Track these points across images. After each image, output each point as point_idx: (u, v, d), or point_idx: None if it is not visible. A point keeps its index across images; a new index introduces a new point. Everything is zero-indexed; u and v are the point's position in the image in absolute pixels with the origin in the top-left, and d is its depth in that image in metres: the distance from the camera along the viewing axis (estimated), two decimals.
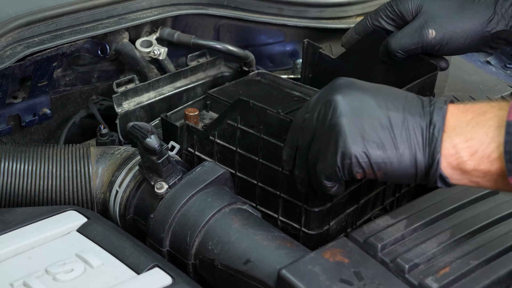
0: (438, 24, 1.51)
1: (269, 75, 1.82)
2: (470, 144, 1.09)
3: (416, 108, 1.14)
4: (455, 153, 1.10)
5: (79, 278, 1.15)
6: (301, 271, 1.16)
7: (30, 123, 1.73)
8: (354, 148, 1.14)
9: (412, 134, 1.13)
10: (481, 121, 1.09)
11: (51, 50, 1.63)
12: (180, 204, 1.33)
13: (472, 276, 1.17)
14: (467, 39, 1.52)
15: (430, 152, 1.12)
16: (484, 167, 1.08)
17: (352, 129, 1.14)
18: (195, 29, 1.95)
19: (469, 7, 1.52)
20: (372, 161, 1.14)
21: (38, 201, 1.46)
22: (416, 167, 1.13)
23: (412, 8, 1.54)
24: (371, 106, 1.15)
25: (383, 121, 1.14)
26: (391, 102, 1.15)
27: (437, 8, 1.52)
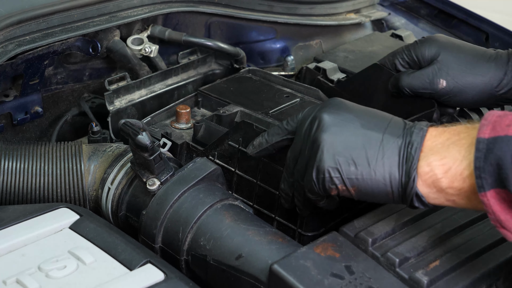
0: (450, 76, 1.52)
1: (260, 72, 1.83)
2: (444, 162, 1.11)
3: (397, 130, 1.17)
4: (429, 170, 1.12)
5: (72, 275, 1.15)
6: (293, 265, 1.17)
7: (21, 121, 1.73)
8: (328, 163, 1.18)
9: (388, 153, 1.15)
10: (456, 141, 1.11)
11: (42, 48, 1.63)
12: (172, 200, 1.34)
13: (462, 269, 1.18)
14: (476, 96, 1.53)
15: (406, 170, 1.14)
16: (457, 184, 1.10)
17: (330, 145, 1.18)
18: (186, 26, 1.96)
19: (482, 65, 1.52)
20: (344, 177, 1.17)
21: (30, 199, 1.46)
22: (391, 185, 1.15)
23: (429, 55, 1.55)
24: (353, 126, 1.19)
25: (361, 140, 1.17)
26: (374, 123, 1.19)
27: (452, 59, 1.53)
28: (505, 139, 1.04)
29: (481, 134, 1.07)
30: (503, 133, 1.05)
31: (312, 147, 1.20)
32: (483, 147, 1.05)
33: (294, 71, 2.02)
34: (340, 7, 2.14)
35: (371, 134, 1.17)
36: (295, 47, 2.10)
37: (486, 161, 1.05)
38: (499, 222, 1.06)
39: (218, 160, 1.49)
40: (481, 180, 1.06)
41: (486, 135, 1.06)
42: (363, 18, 2.15)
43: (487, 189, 1.05)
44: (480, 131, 1.07)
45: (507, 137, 1.04)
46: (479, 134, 1.07)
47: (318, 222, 1.38)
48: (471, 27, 2.13)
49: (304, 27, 2.07)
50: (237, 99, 1.68)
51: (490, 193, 1.05)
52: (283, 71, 2.02)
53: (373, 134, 1.17)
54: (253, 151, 1.36)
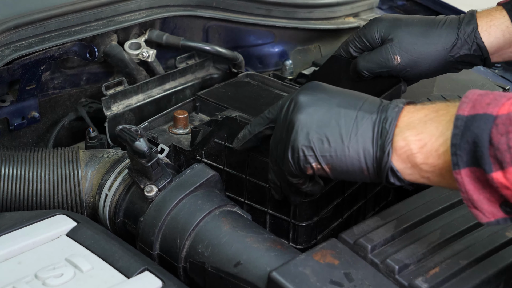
0: (403, 50, 1.54)
1: (258, 76, 1.82)
2: (420, 138, 1.10)
3: (372, 107, 1.17)
4: (405, 145, 1.12)
5: (69, 283, 1.14)
6: (292, 273, 1.16)
7: (18, 127, 1.73)
8: (301, 142, 1.18)
9: (362, 129, 1.15)
10: (434, 117, 1.11)
11: (39, 53, 1.63)
12: (170, 207, 1.33)
13: (462, 276, 1.18)
14: (432, 64, 1.55)
15: (380, 144, 1.14)
16: (432, 160, 1.09)
17: (304, 124, 1.19)
18: (184, 31, 1.95)
19: (433, 33, 1.54)
20: (317, 155, 1.18)
21: (27, 206, 1.45)
22: (365, 160, 1.15)
23: (378, 36, 1.58)
24: (328, 104, 1.19)
25: (335, 118, 1.18)
26: (349, 101, 1.19)
27: (402, 34, 1.55)
28: (484, 117, 1.03)
29: (460, 111, 1.06)
30: (482, 111, 1.04)
31: (287, 128, 1.21)
32: (461, 124, 1.05)
33: (293, 75, 2.01)
34: (338, 11, 2.13)
35: (345, 112, 1.18)
36: (294, 51, 2.09)
37: (463, 138, 1.04)
38: (471, 201, 1.06)
39: (205, 159, 1.49)
40: (456, 158, 1.05)
41: (465, 113, 1.05)
42: (362, 22, 2.14)
43: (461, 167, 1.04)
44: (459, 108, 1.06)
45: (486, 115, 1.03)
46: (458, 111, 1.06)
47: (311, 210, 1.38)
48: None
49: (303, 31, 2.06)
50: (235, 104, 1.68)
51: (465, 171, 1.04)
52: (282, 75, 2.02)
53: (348, 111, 1.17)
54: (238, 144, 1.37)
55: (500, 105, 1.03)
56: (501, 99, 1.04)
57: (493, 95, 1.05)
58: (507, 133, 1.01)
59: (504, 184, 1.02)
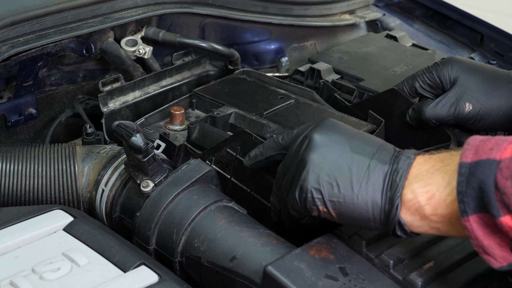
0: (474, 98, 1.52)
1: (255, 73, 1.83)
2: (428, 189, 1.10)
3: (385, 156, 1.16)
4: (413, 197, 1.11)
5: (66, 277, 1.15)
6: (287, 267, 1.16)
7: (15, 123, 1.73)
8: (311, 183, 1.17)
9: (373, 179, 1.14)
10: (440, 168, 1.10)
11: (36, 49, 1.63)
12: (166, 202, 1.34)
13: (456, 271, 1.18)
14: (502, 117, 1.53)
15: (390, 197, 1.13)
16: (441, 211, 1.09)
17: (316, 165, 1.18)
18: (180, 28, 1.96)
19: (506, 86, 1.53)
20: (325, 199, 1.17)
21: (24, 201, 1.46)
22: (372, 211, 1.14)
23: (451, 77, 1.55)
24: (342, 148, 1.18)
25: (348, 164, 1.16)
26: (363, 147, 1.18)
27: (472, 81, 1.53)
28: (487, 163, 1.03)
29: (463, 158, 1.06)
30: (485, 157, 1.04)
31: (298, 165, 1.20)
32: (466, 171, 1.05)
33: (289, 72, 2.02)
34: (334, 8, 2.14)
35: (358, 158, 1.17)
36: (290, 48, 2.10)
37: (469, 185, 1.04)
38: (482, 247, 1.05)
39: (215, 165, 1.49)
40: (463, 205, 1.05)
41: (468, 159, 1.05)
42: (358, 19, 2.15)
43: (469, 214, 1.04)
44: (462, 156, 1.06)
45: (489, 161, 1.03)
46: (461, 158, 1.06)
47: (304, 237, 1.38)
48: (466, 28, 2.13)
49: (299, 28, 2.07)
50: (232, 100, 1.68)
51: (473, 218, 1.04)
52: (278, 72, 2.03)
53: (361, 158, 1.16)
54: (248, 163, 1.38)
55: (502, 150, 1.03)
56: (503, 143, 1.04)
57: (495, 140, 1.06)
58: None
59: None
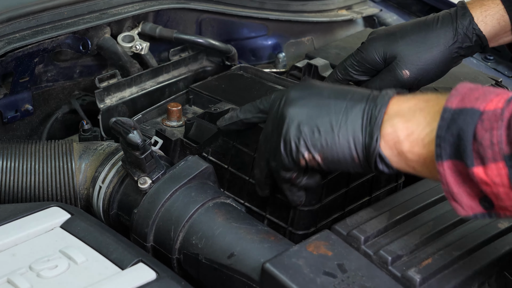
0: (409, 63, 1.54)
1: (252, 69, 1.82)
2: (408, 126, 1.11)
3: (361, 96, 1.18)
4: (392, 131, 1.12)
5: (63, 274, 1.15)
6: (285, 264, 1.17)
7: (12, 119, 1.73)
8: (293, 133, 1.20)
9: (352, 117, 1.16)
10: (423, 107, 1.11)
11: (32, 46, 1.63)
12: (163, 199, 1.34)
13: (455, 267, 1.18)
14: (439, 65, 1.56)
15: (369, 131, 1.14)
16: (418, 149, 1.10)
17: (295, 116, 1.20)
18: (177, 23, 1.95)
19: (431, 36, 1.55)
20: (308, 145, 1.18)
21: (21, 198, 1.46)
22: (355, 147, 1.16)
23: (379, 57, 1.57)
24: (318, 97, 1.21)
25: (325, 108, 1.19)
26: (339, 92, 1.21)
27: (402, 47, 1.55)
28: (470, 112, 1.03)
29: (448, 103, 1.06)
30: (469, 105, 1.04)
31: (279, 122, 1.22)
32: (448, 116, 1.05)
33: (286, 68, 2.02)
34: (331, 4, 2.14)
35: (335, 102, 1.19)
36: (287, 44, 2.09)
37: (448, 130, 1.04)
38: (451, 194, 1.06)
39: (211, 157, 1.48)
40: (440, 149, 1.05)
41: (453, 105, 1.05)
42: (355, 15, 2.15)
43: (444, 159, 1.05)
44: (448, 100, 1.06)
45: (473, 110, 1.03)
46: (446, 103, 1.06)
47: (309, 220, 1.37)
48: None
49: (296, 24, 2.07)
50: (229, 96, 1.68)
51: (447, 163, 1.05)
52: (275, 68, 2.02)
53: (337, 101, 1.19)
54: (222, 123, 1.39)
55: (488, 101, 1.04)
56: (490, 95, 1.04)
57: (483, 90, 1.06)
58: (491, 129, 1.01)
59: (484, 180, 1.02)
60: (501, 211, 1.05)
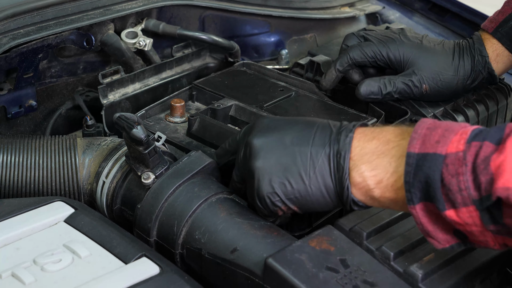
0: (431, 81, 1.63)
1: (254, 66, 1.83)
2: (376, 173, 1.13)
3: (322, 139, 1.20)
4: (362, 181, 1.15)
5: (67, 268, 1.15)
6: (288, 259, 1.17)
7: (16, 115, 1.73)
8: (265, 190, 1.22)
9: (319, 165, 1.18)
10: (385, 150, 1.13)
11: (36, 41, 1.63)
12: (167, 194, 1.34)
13: (456, 263, 1.18)
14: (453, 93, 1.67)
15: (339, 179, 1.17)
16: (389, 194, 1.13)
17: (263, 172, 1.22)
18: (180, 20, 1.95)
19: (454, 65, 1.64)
20: (283, 199, 1.21)
21: (25, 192, 1.46)
22: (328, 195, 1.19)
23: (403, 58, 1.64)
24: (282, 145, 1.22)
25: (291, 158, 1.20)
26: (301, 137, 1.22)
27: (427, 63, 1.64)
28: (433, 157, 1.05)
29: (411, 148, 1.08)
30: (432, 150, 1.06)
31: (249, 176, 1.25)
32: (413, 162, 1.07)
33: (289, 64, 2.02)
34: (334, 1, 2.14)
35: (299, 150, 1.20)
36: (290, 41, 2.10)
37: (415, 177, 1.07)
38: (427, 232, 1.09)
39: None
40: (410, 194, 1.08)
41: (416, 150, 1.07)
42: (358, 12, 2.15)
43: (416, 203, 1.08)
44: (410, 145, 1.08)
45: (436, 155, 1.05)
46: (409, 148, 1.08)
47: (304, 222, 1.38)
48: (465, 21, 2.13)
49: (299, 21, 2.07)
50: (232, 92, 1.68)
51: (419, 206, 1.08)
52: (278, 65, 2.03)
53: (301, 149, 1.20)
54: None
55: (448, 143, 1.05)
56: (449, 136, 1.06)
57: (442, 130, 1.08)
58: (457, 174, 1.03)
59: (457, 221, 1.05)
60: (476, 243, 1.08)
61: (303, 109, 1.64)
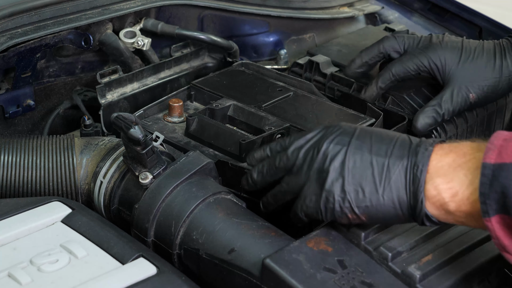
0: (476, 87, 1.60)
1: (253, 66, 1.83)
2: (451, 186, 1.11)
3: (401, 151, 1.17)
4: (437, 194, 1.12)
5: (64, 269, 1.15)
6: (285, 260, 1.17)
7: (13, 115, 1.73)
8: (337, 194, 1.18)
9: (395, 177, 1.15)
10: (462, 163, 1.11)
11: (34, 41, 1.63)
12: (164, 194, 1.34)
13: (454, 263, 1.18)
14: (500, 93, 1.64)
15: (413, 192, 1.14)
16: (465, 208, 1.11)
17: (338, 174, 1.18)
18: (179, 19, 1.95)
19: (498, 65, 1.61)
20: (353, 206, 1.18)
21: (22, 192, 1.46)
22: (400, 207, 1.16)
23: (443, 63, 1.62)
24: (360, 153, 1.19)
25: (368, 166, 1.17)
26: (379, 147, 1.19)
27: (471, 69, 1.61)
28: (510, 167, 1.04)
29: (487, 159, 1.06)
30: (509, 160, 1.05)
31: (317, 176, 1.20)
32: (489, 173, 1.05)
33: (287, 64, 2.02)
34: (333, 1, 2.14)
35: (376, 159, 1.17)
36: (288, 41, 2.09)
37: (491, 188, 1.05)
38: (503, 247, 1.07)
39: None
40: (486, 206, 1.06)
41: (492, 160, 1.06)
42: (357, 12, 2.15)
43: (491, 215, 1.06)
44: (486, 156, 1.07)
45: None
46: (485, 158, 1.06)
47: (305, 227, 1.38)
48: (464, 21, 2.13)
49: (297, 21, 2.07)
50: (230, 92, 1.68)
51: (495, 218, 1.06)
52: (276, 65, 2.02)
53: (379, 159, 1.17)
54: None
55: None
56: None
57: None
58: None
59: None
60: None
61: (301, 109, 1.64)
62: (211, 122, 1.57)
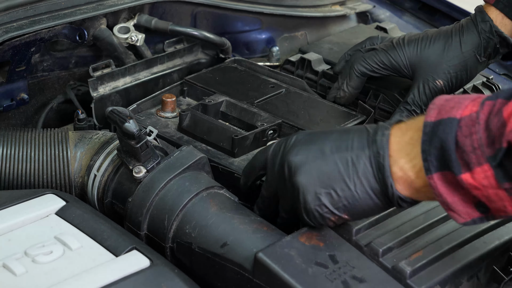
0: (441, 72, 1.61)
1: (246, 62, 1.84)
2: (414, 163, 1.11)
3: (361, 142, 1.17)
4: (403, 174, 1.13)
5: (58, 260, 1.16)
6: (277, 254, 1.18)
7: (7, 108, 1.73)
8: (312, 204, 1.20)
9: (361, 169, 1.16)
10: (419, 138, 1.10)
11: (29, 35, 1.63)
12: (158, 188, 1.34)
13: (444, 260, 1.20)
14: (469, 71, 1.63)
15: (382, 179, 1.14)
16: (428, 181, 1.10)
17: (307, 186, 1.20)
18: (172, 16, 1.96)
19: (458, 43, 1.61)
20: (331, 209, 1.19)
21: (16, 185, 1.46)
22: (376, 197, 1.16)
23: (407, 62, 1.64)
24: (322, 156, 1.19)
25: (333, 167, 1.18)
26: (338, 144, 1.19)
27: (430, 55, 1.62)
28: (448, 121, 1.05)
29: (427, 118, 1.08)
30: (446, 116, 1.05)
31: (293, 192, 1.22)
32: (429, 130, 1.07)
33: (279, 61, 2.03)
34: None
35: (339, 157, 1.18)
36: (280, 38, 2.10)
37: (431, 144, 1.06)
38: (447, 204, 1.08)
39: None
40: (427, 163, 1.07)
41: (432, 119, 1.07)
42: (348, 10, 2.16)
43: (433, 172, 1.07)
44: (427, 115, 1.08)
45: (450, 119, 1.05)
46: (426, 118, 1.08)
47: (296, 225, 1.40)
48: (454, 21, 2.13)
49: (290, 18, 2.08)
50: (223, 88, 1.69)
51: (437, 175, 1.06)
52: (268, 62, 2.03)
53: (342, 155, 1.18)
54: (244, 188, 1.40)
55: (463, 108, 1.05)
56: (465, 102, 1.06)
57: (458, 99, 1.07)
58: (471, 134, 1.02)
59: (473, 184, 1.04)
60: (496, 213, 1.07)
61: (293, 106, 1.65)
62: (204, 118, 1.58)
